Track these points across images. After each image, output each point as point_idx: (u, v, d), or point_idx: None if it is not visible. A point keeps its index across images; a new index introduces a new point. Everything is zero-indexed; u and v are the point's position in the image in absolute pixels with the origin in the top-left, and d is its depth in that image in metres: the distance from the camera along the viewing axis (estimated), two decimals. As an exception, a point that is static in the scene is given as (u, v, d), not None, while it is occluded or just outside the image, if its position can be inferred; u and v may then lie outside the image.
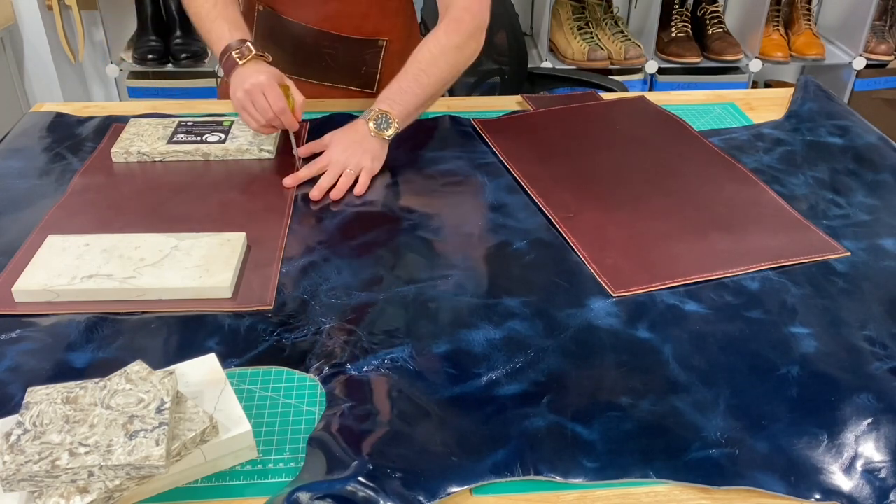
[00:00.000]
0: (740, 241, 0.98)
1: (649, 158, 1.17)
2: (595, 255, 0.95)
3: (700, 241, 0.98)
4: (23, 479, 0.61)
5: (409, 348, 0.81)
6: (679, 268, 0.93)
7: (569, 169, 1.14)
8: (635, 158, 1.17)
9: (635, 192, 1.08)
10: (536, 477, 0.67)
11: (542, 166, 1.15)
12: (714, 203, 1.06)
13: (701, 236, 0.99)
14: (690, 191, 1.09)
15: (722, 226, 1.01)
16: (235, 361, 0.80)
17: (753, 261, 0.94)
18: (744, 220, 1.02)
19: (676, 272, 0.92)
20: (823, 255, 0.95)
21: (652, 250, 0.96)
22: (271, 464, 0.69)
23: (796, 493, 0.66)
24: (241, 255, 0.94)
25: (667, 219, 1.02)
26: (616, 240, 0.98)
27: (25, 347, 0.81)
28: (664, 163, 1.16)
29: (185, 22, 2.39)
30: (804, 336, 0.83)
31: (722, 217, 1.03)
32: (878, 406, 0.74)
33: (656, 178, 1.12)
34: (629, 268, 0.93)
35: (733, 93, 1.48)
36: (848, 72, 2.56)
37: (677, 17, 2.55)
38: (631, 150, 1.20)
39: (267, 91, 1.10)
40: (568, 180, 1.11)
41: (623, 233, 0.99)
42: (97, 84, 2.70)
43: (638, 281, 0.91)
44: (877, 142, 1.25)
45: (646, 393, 0.75)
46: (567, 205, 1.05)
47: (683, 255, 0.95)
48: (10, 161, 1.17)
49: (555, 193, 1.08)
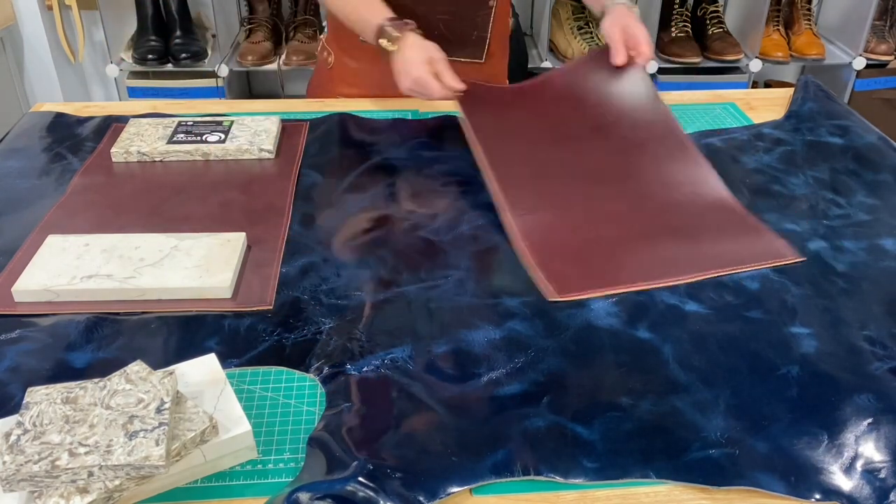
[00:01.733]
0: (691, 246, 0.95)
1: (614, 146, 1.13)
2: (541, 258, 0.94)
3: (650, 247, 0.95)
4: (23, 480, 0.61)
5: (409, 348, 0.81)
6: (623, 275, 0.91)
7: (533, 157, 1.10)
8: (600, 148, 1.12)
9: (592, 192, 1.05)
10: (536, 477, 0.67)
11: (509, 154, 1.10)
12: (671, 204, 1.03)
13: (652, 241, 0.96)
14: (650, 190, 1.05)
15: (675, 230, 0.98)
16: (235, 361, 0.80)
17: (701, 268, 0.92)
18: (699, 224, 0.99)
19: (619, 279, 0.90)
20: (775, 261, 0.92)
21: (598, 254, 0.94)
22: (271, 464, 0.69)
23: (796, 493, 0.66)
24: (241, 255, 0.94)
25: (620, 222, 1.00)
26: (566, 242, 0.96)
27: (25, 347, 0.81)
28: (628, 154, 1.12)
29: (185, 22, 2.39)
30: (804, 336, 0.83)
31: (677, 220, 1.00)
32: (878, 406, 0.74)
33: (617, 173, 1.08)
34: (574, 273, 0.91)
35: (733, 93, 1.48)
36: (848, 72, 2.56)
37: (677, 17, 2.55)
38: (598, 137, 1.14)
39: (426, 87, 1.15)
40: (529, 167, 1.07)
41: (575, 235, 0.97)
42: (97, 84, 2.70)
43: (578, 287, 0.89)
44: (877, 142, 1.25)
45: (646, 393, 0.75)
46: (524, 201, 1.02)
47: (629, 261, 0.93)
48: (10, 161, 1.17)
49: (515, 187, 1.04)
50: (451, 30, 1.33)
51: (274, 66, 2.40)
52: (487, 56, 1.37)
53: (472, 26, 1.34)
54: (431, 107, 1.37)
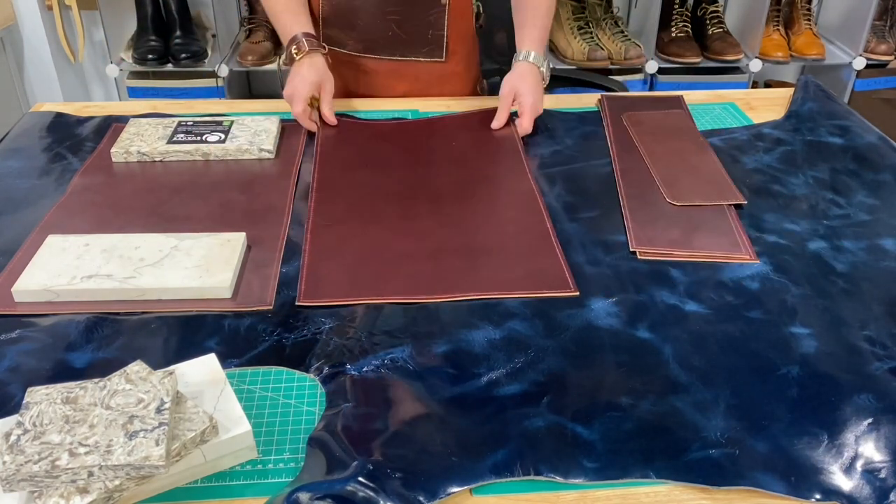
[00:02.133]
0: (481, 267, 0.93)
1: (460, 176, 1.13)
2: (311, 261, 0.94)
3: (434, 263, 0.93)
4: (23, 480, 0.61)
5: (409, 348, 0.81)
6: (387, 287, 0.89)
7: (366, 181, 1.12)
8: (444, 175, 1.13)
9: (410, 210, 1.04)
10: (536, 477, 0.67)
11: (344, 174, 1.13)
12: (483, 226, 1.01)
13: (442, 258, 0.94)
14: (470, 213, 1.04)
15: (472, 250, 0.96)
16: (235, 361, 0.80)
17: (478, 289, 0.89)
18: (500, 248, 0.97)
19: (381, 290, 0.89)
20: (552, 292, 0.89)
21: (375, 265, 0.93)
22: (271, 464, 0.69)
23: (796, 493, 0.66)
24: (241, 255, 0.94)
25: (421, 238, 0.98)
26: (351, 251, 0.95)
27: (25, 347, 0.81)
28: (468, 182, 1.12)
29: (185, 22, 2.39)
30: (804, 336, 0.83)
31: (482, 240, 0.98)
32: (878, 406, 0.74)
33: (449, 197, 1.08)
34: (332, 279, 0.90)
35: (733, 93, 1.48)
36: (848, 72, 2.56)
37: (677, 17, 2.55)
38: (443, 169, 1.15)
39: (294, 103, 1.25)
40: (355, 189, 1.09)
41: (363, 245, 0.97)
42: (97, 84, 2.70)
43: (326, 294, 0.88)
44: (877, 142, 1.25)
45: (646, 393, 0.75)
46: (332, 214, 1.03)
47: (403, 275, 0.91)
48: (10, 161, 1.17)
49: (331, 202, 1.06)
50: (403, 29, 1.34)
51: (274, 66, 2.40)
52: (449, 55, 1.37)
53: (426, 25, 1.34)
54: (432, 107, 1.37)
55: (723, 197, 1.08)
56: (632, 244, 0.98)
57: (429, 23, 1.34)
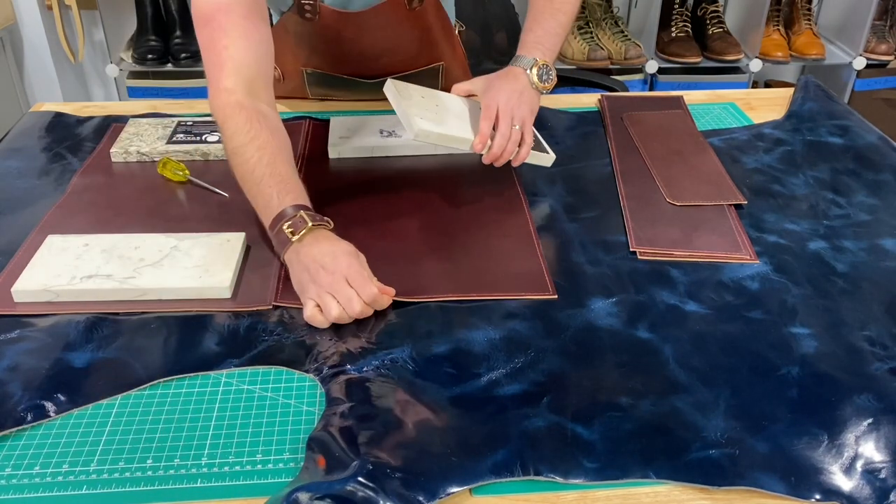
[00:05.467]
0: (462, 268, 0.93)
1: (440, 181, 1.12)
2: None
3: (414, 264, 0.93)
4: None
5: (409, 348, 0.81)
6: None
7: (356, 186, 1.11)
8: (427, 180, 1.13)
9: (394, 212, 1.04)
10: (536, 477, 0.67)
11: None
12: (468, 228, 1.00)
13: (424, 258, 0.94)
14: (456, 215, 1.04)
15: (455, 251, 0.96)
16: (235, 361, 0.80)
17: (459, 290, 0.89)
18: (483, 251, 0.96)
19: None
20: (533, 294, 0.89)
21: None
22: (271, 464, 0.69)
23: (796, 493, 0.66)
24: (241, 255, 0.94)
25: (399, 240, 0.98)
26: None
27: (25, 347, 0.80)
28: (448, 188, 1.10)
29: (184, 22, 2.39)
30: (804, 336, 0.83)
31: (464, 240, 0.98)
32: (878, 406, 0.74)
33: (425, 203, 1.07)
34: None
35: (733, 93, 1.48)
36: (848, 72, 2.56)
37: (677, 17, 2.55)
38: (431, 174, 1.14)
39: (361, 287, 0.84)
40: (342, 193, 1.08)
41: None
42: (97, 84, 2.70)
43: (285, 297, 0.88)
44: (877, 142, 1.25)
45: (646, 393, 0.75)
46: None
47: (379, 278, 0.87)
48: (10, 161, 1.17)
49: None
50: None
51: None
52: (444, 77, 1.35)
53: (425, 74, 1.33)
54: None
55: (723, 197, 1.08)
56: (632, 244, 0.98)
57: (428, 73, 1.33)
